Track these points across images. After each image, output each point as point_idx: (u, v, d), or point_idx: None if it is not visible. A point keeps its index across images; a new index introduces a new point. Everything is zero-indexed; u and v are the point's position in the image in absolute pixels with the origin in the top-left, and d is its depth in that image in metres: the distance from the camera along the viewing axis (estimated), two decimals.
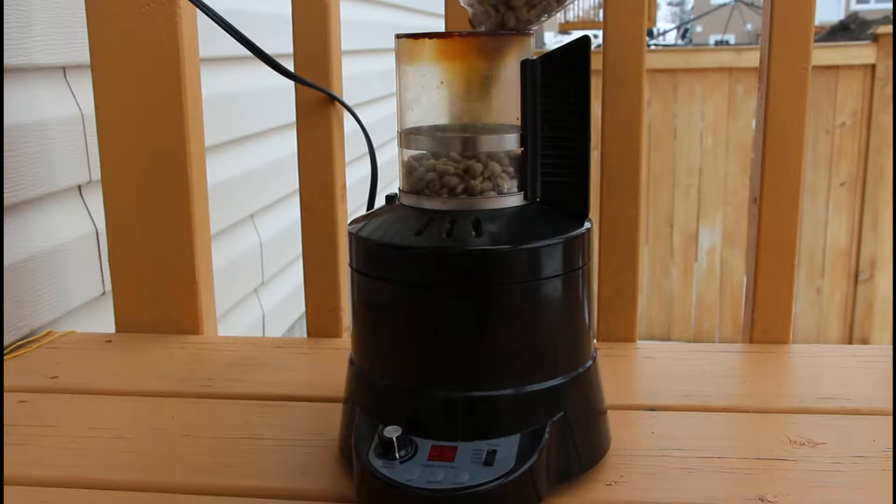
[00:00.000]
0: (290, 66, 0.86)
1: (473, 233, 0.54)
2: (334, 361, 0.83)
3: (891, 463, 0.60)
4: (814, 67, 0.82)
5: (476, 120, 0.56)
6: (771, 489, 0.56)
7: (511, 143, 0.56)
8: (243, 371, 0.80)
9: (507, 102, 0.57)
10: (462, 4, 0.60)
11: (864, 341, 3.45)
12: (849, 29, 5.08)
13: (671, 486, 0.57)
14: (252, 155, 1.53)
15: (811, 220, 3.39)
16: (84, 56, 0.88)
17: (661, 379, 0.76)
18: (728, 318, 3.59)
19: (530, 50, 0.57)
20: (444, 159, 0.56)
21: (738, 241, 3.47)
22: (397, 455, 0.53)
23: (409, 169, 0.58)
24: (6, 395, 0.75)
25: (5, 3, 0.88)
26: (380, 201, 0.64)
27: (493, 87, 0.58)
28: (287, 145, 1.15)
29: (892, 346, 0.80)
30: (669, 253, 3.58)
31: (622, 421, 0.65)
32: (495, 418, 0.55)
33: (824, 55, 3.27)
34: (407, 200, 0.58)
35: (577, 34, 0.69)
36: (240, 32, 0.80)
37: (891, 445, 0.62)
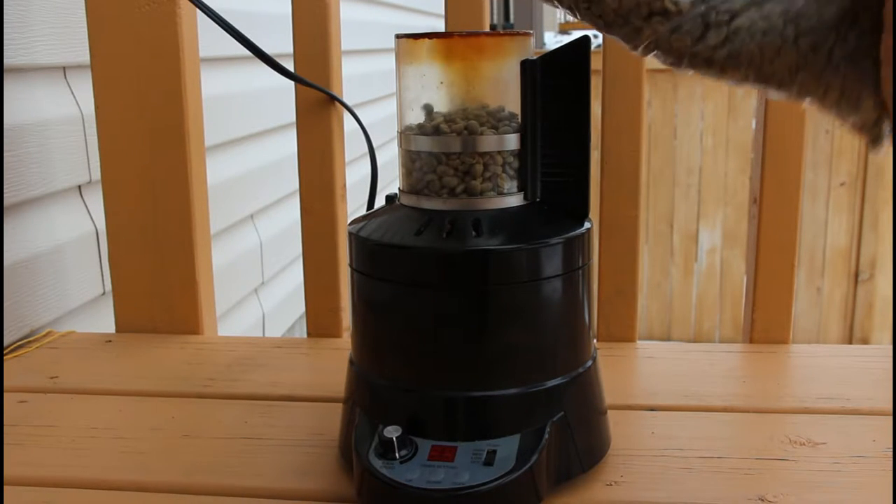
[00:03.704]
0: (290, 66, 0.86)
1: (473, 233, 0.54)
2: (334, 361, 0.83)
3: (891, 463, 0.59)
4: None
5: (476, 120, 0.56)
6: (771, 489, 0.56)
7: (511, 143, 0.56)
8: (243, 371, 0.80)
9: (507, 102, 0.57)
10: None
11: (864, 341, 3.45)
12: None
13: (671, 486, 0.57)
14: (252, 155, 1.53)
15: (811, 220, 3.38)
16: (84, 56, 0.88)
17: (661, 379, 0.76)
18: (728, 318, 3.59)
19: (530, 50, 0.57)
20: (444, 159, 0.56)
21: (738, 241, 3.46)
22: (397, 455, 0.53)
23: (408, 169, 0.58)
24: (6, 395, 0.75)
25: (5, 3, 0.88)
26: (380, 201, 0.64)
27: (493, 86, 0.58)
28: (287, 145, 1.15)
29: (892, 346, 0.80)
30: (669, 253, 3.58)
31: (622, 421, 0.65)
32: (495, 418, 0.55)
33: None
34: (407, 200, 0.58)
35: (577, 34, 0.69)
36: (240, 32, 0.80)
37: (891, 445, 0.62)
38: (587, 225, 0.57)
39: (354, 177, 1.05)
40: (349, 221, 0.61)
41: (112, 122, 0.88)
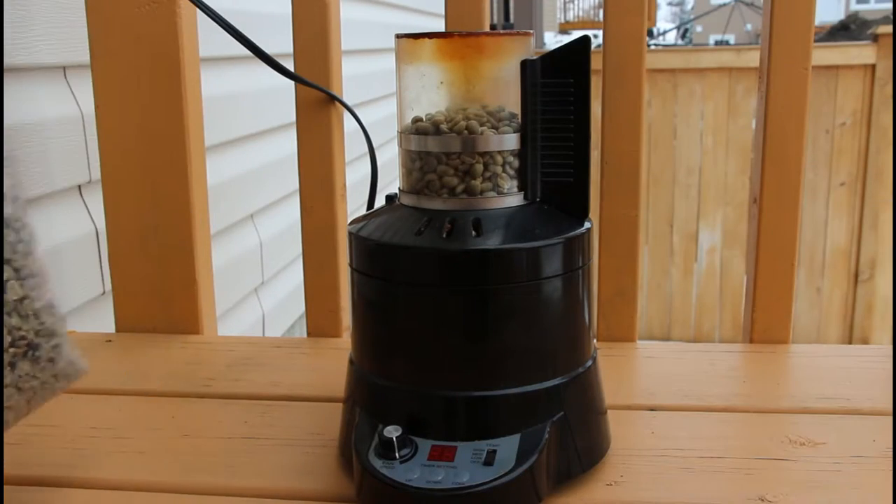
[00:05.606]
0: (290, 66, 0.86)
1: (473, 233, 0.54)
2: (334, 361, 0.83)
3: (891, 463, 0.60)
4: (814, 67, 0.82)
5: (476, 119, 0.56)
6: (771, 489, 0.56)
7: (511, 143, 0.56)
8: (243, 371, 0.80)
9: (507, 102, 0.57)
10: None
11: (864, 341, 3.45)
12: (849, 29, 5.09)
13: (671, 486, 0.57)
14: (252, 155, 1.53)
15: (811, 220, 3.39)
16: (84, 56, 0.88)
17: (661, 379, 0.76)
18: (728, 318, 3.59)
19: (530, 50, 0.57)
20: (444, 159, 0.56)
21: (738, 241, 3.47)
22: (397, 455, 0.53)
23: (408, 169, 0.58)
24: None
25: (5, 3, 0.88)
26: (380, 201, 0.64)
27: (493, 87, 0.58)
28: (287, 145, 1.15)
29: (892, 346, 0.80)
30: (669, 253, 3.58)
31: (622, 421, 0.65)
32: (495, 418, 0.55)
33: (824, 55, 3.27)
34: (407, 200, 0.58)
35: (577, 34, 0.69)
36: (240, 32, 0.80)
37: (891, 445, 0.62)
38: (587, 225, 0.57)
39: (354, 177, 1.05)
40: (349, 221, 0.61)
41: (112, 122, 0.88)
